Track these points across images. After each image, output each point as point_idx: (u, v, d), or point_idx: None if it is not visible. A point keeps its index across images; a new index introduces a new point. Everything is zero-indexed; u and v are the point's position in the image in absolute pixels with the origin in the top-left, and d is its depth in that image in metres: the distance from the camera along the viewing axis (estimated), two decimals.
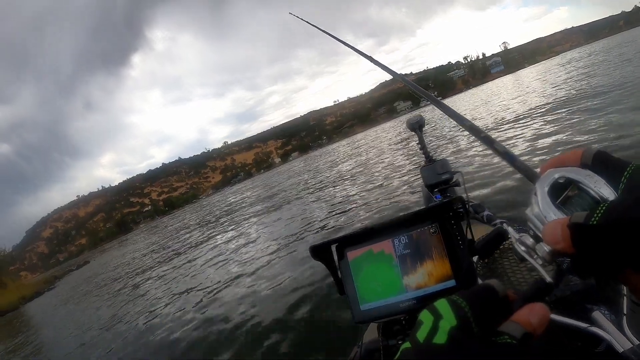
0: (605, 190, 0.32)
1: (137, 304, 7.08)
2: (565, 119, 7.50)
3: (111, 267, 18.93)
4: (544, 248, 0.33)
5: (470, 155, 7.67)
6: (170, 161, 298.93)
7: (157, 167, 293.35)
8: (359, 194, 8.38)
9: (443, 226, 0.60)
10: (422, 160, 1.85)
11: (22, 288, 34.16)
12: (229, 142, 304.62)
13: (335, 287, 0.69)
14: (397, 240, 0.62)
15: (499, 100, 19.82)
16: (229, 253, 8.00)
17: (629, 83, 8.85)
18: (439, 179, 1.66)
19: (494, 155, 0.51)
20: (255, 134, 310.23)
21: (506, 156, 0.47)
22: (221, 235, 11.46)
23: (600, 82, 11.04)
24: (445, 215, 0.60)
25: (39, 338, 9.09)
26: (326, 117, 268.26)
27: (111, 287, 11.50)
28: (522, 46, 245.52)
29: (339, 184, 11.74)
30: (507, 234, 0.75)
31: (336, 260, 0.68)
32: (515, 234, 0.36)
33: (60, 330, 8.35)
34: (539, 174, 0.37)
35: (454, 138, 11.28)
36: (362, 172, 12.28)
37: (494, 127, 10.26)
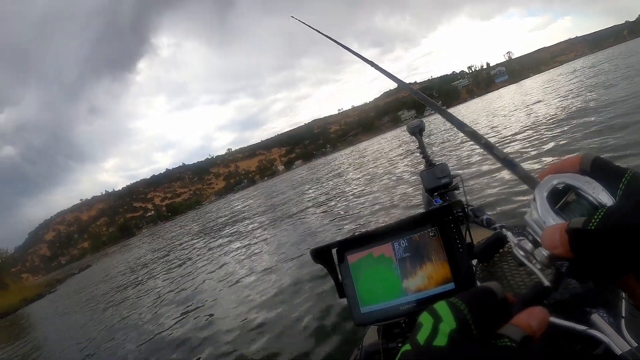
0: (603, 197, 0.32)
1: (139, 309, 7.06)
2: (568, 129, 7.49)
3: (113, 273, 18.92)
4: (542, 253, 0.34)
5: (473, 162, 7.66)
6: (174, 167, 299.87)
7: (161, 172, 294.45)
8: (362, 199, 8.38)
9: (442, 230, 0.60)
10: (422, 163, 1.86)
11: (24, 290, 34.24)
12: (232, 149, 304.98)
13: (336, 290, 0.69)
14: (397, 243, 0.63)
15: (505, 111, 19.83)
16: (230, 257, 7.99)
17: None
18: (439, 182, 1.67)
19: (495, 161, 0.52)
20: (259, 141, 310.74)
21: (506, 162, 0.48)
22: (223, 240, 11.46)
23: (606, 94, 11.01)
24: (445, 219, 0.61)
25: (41, 341, 9.08)
26: (330, 125, 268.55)
27: (113, 292, 11.48)
28: (526, 56, 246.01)
29: (341, 188, 11.75)
30: (506, 239, 0.76)
31: (337, 264, 0.69)
32: (514, 238, 0.36)
33: (62, 333, 8.34)
34: (538, 180, 0.38)
35: (460, 146, 11.28)
36: (364, 177, 12.29)
37: (498, 141, 10.26)
